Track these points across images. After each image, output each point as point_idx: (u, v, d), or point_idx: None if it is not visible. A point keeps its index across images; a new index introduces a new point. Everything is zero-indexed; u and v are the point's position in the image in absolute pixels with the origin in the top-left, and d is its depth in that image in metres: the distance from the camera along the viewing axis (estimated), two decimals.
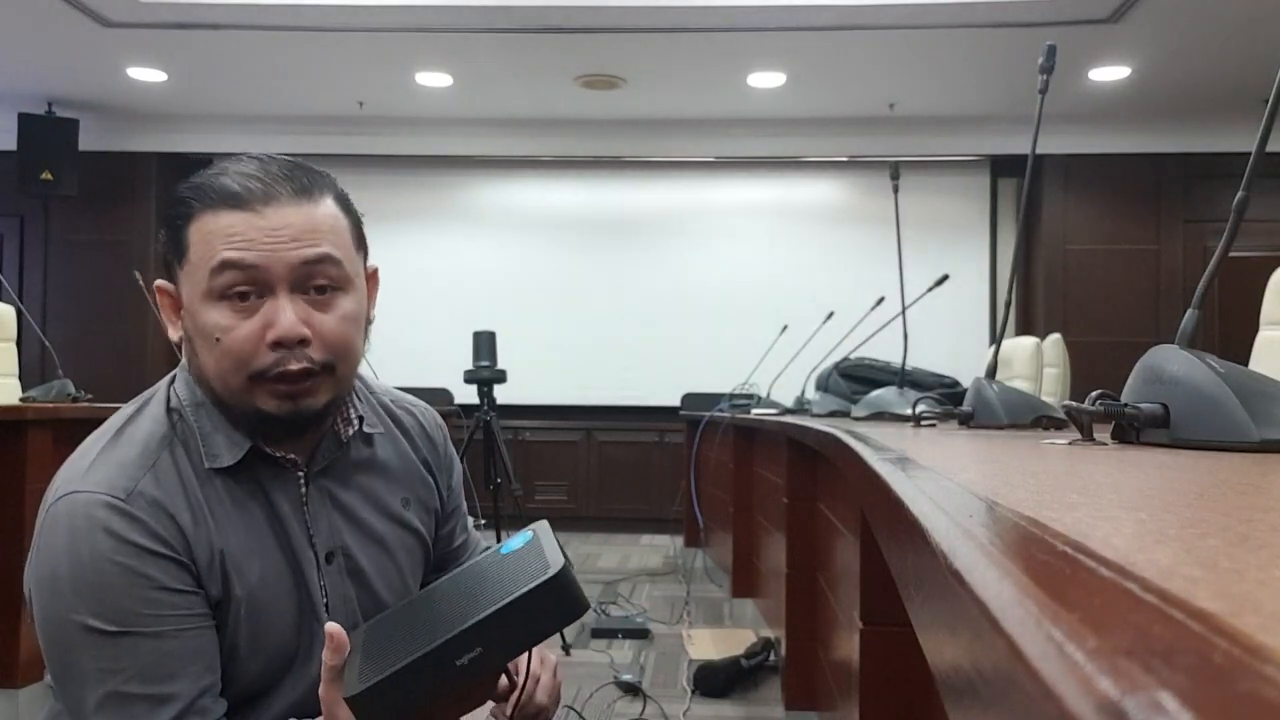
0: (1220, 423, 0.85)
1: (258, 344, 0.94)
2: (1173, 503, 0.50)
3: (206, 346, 0.96)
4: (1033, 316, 6.79)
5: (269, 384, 0.95)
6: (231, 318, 0.94)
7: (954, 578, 0.31)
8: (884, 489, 0.58)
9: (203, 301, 0.95)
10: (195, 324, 0.96)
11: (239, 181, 0.95)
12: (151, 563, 0.92)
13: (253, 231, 0.94)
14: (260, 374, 0.95)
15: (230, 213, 0.94)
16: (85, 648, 0.90)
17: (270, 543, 1.02)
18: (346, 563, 1.08)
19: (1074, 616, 0.23)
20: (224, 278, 0.93)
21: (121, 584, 0.90)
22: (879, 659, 1.37)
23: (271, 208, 0.95)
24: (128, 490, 0.93)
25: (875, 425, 2.11)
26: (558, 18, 5.11)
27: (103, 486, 0.93)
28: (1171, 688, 0.18)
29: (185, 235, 0.96)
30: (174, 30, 5.27)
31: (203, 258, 0.94)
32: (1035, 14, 4.93)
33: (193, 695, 0.93)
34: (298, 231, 0.95)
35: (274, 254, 0.94)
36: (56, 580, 0.91)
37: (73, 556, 0.91)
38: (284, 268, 0.94)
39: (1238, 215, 0.98)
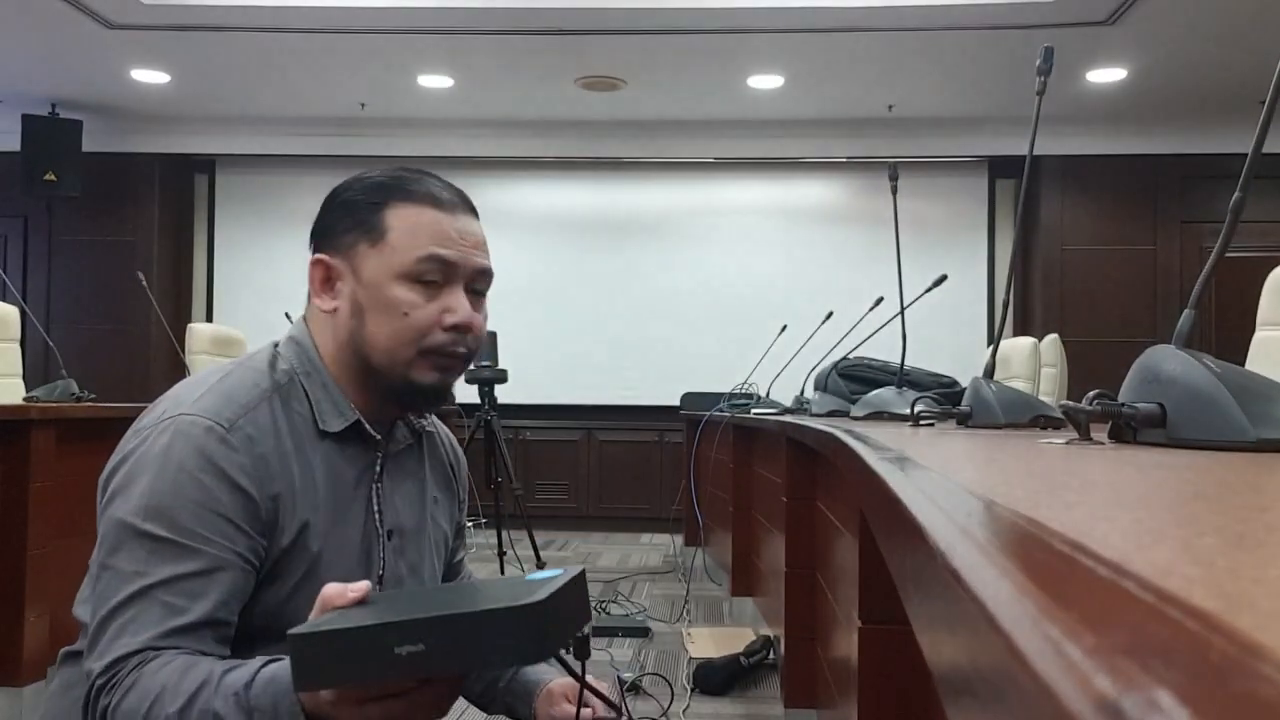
0: (1217, 422, 0.86)
1: (436, 322, 1.08)
2: (1169, 502, 0.50)
3: (389, 318, 1.08)
4: (1030, 316, 6.79)
5: (434, 358, 1.09)
6: (421, 298, 1.08)
7: (952, 576, 0.31)
8: (883, 488, 0.58)
9: (395, 279, 1.08)
10: (381, 296, 1.08)
11: (434, 186, 1.12)
12: (227, 491, 1.00)
13: (450, 231, 1.10)
14: (432, 349, 1.09)
15: (432, 210, 1.10)
16: (135, 550, 0.98)
17: (348, 510, 1.11)
18: (400, 543, 1.17)
19: (1071, 615, 0.23)
20: (427, 266, 1.08)
21: (192, 498, 0.98)
22: (878, 657, 1.38)
23: (460, 216, 1.12)
24: (231, 421, 1.03)
25: (874, 425, 2.11)
26: (558, 19, 5.11)
27: (209, 412, 1.03)
28: (1168, 686, 0.18)
29: (382, 217, 1.09)
30: (177, 32, 5.27)
31: (407, 244, 1.08)
32: (1032, 16, 4.93)
33: (203, 620, 0.98)
34: (477, 241, 1.13)
35: (466, 256, 1.10)
36: (134, 480, 1.00)
37: (160, 463, 1.00)
38: (469, 269, 1.11)
39: (1234, 216, 0.98)
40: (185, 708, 0.93)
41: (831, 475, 2.09)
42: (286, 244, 6.94)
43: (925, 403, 2.01)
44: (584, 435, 7.03)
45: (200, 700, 0.93)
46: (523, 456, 6.84)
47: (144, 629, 0.96)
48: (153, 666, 0.95)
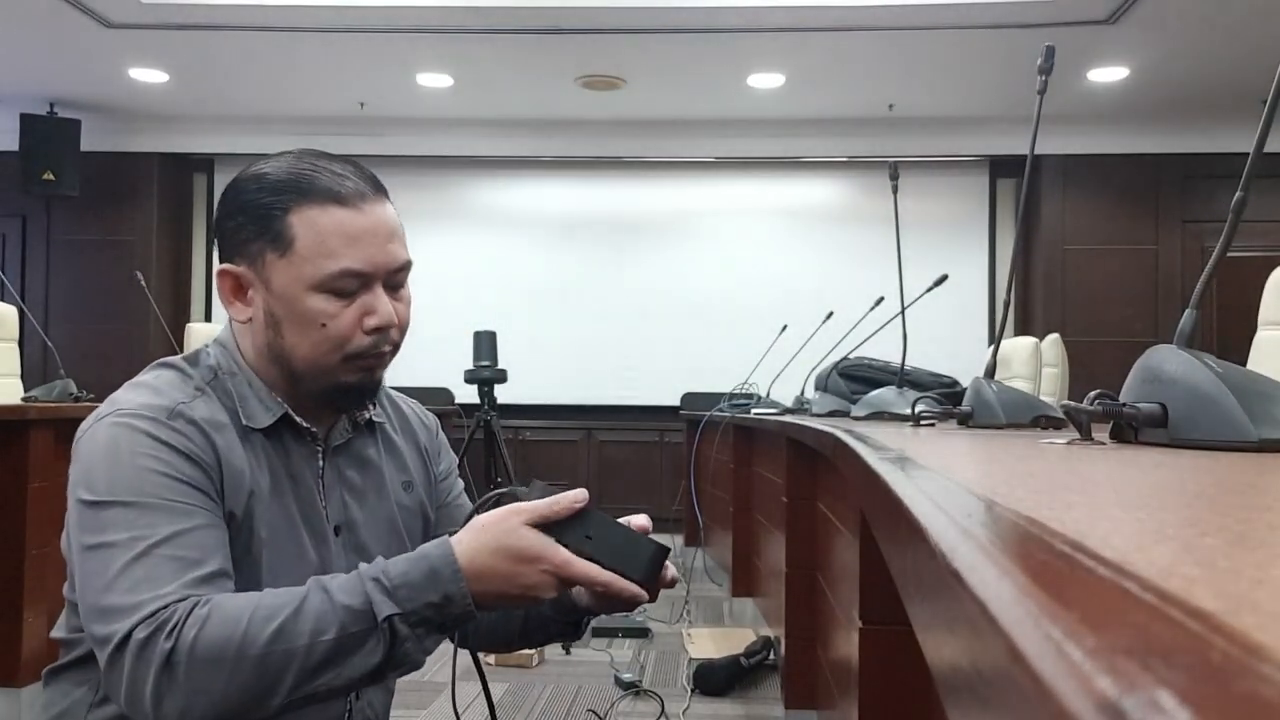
0: (1218, 422, 0.85)
1: (356, 328, 1.06)
2: (1171, 502, 0.50)
3: (306, 330, 1.05)
4: (1031, 316, 6.79)
5: (359, 361, 1.07)
6: (336, 306, 1.05)
7: (953, 577, 0.31)
8: (883, 488, 0.58)
9: (308, 290, 1.04)
10: (295, 309, 1.04)
11: (333, 178, 1.06)
12: (184, 463, 0.99)
13: (357, 230, 1.05)
14: (354, 355, 1.06)
15: (337, 210, 1.04)
16: (115, 520, 0.94)
17: (289, 502, 1.09)
18: (350, 538, 1.15)
19: (1072, 615, 0.23)
20: (342, 281, 1.04)
21: (154, 470, 0.97)
22: (878, 658, 1.38)
23: (367, 205, 1.07)
24: (169, 410, 1.02)
25: (875, 425, 2.11)
26: (558, 18, 5.11)
27: (145, 408, 1.01)
28: (1170, 686, 0.18)
29: (287, 225, 1.04)
30: (176, 31, 5.27)
31: (316, 253, 1.03)
32: (1034, 15, 4.93)
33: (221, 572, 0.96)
34: (388, 233, 1.08)
35: (378, 259, 1.06)
36: (91, 474, 0.98)
37: (113, 455, 0.98)
38: (385, 271, 1.07)
39: (1236, 215, 0.98)
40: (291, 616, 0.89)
41: (832, 475, 2.09)
42: None
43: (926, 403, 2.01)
44: (584, 435, 7.03)
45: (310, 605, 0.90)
46: (522, 457, 6.84)
47: (163, 582, 0.91)
48: (220, 599, 0.91)
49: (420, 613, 0.92)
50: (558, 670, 3.23)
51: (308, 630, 0.89)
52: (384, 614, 0.90)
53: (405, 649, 0.92)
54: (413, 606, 0.91)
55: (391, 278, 1.09)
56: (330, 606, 0.90)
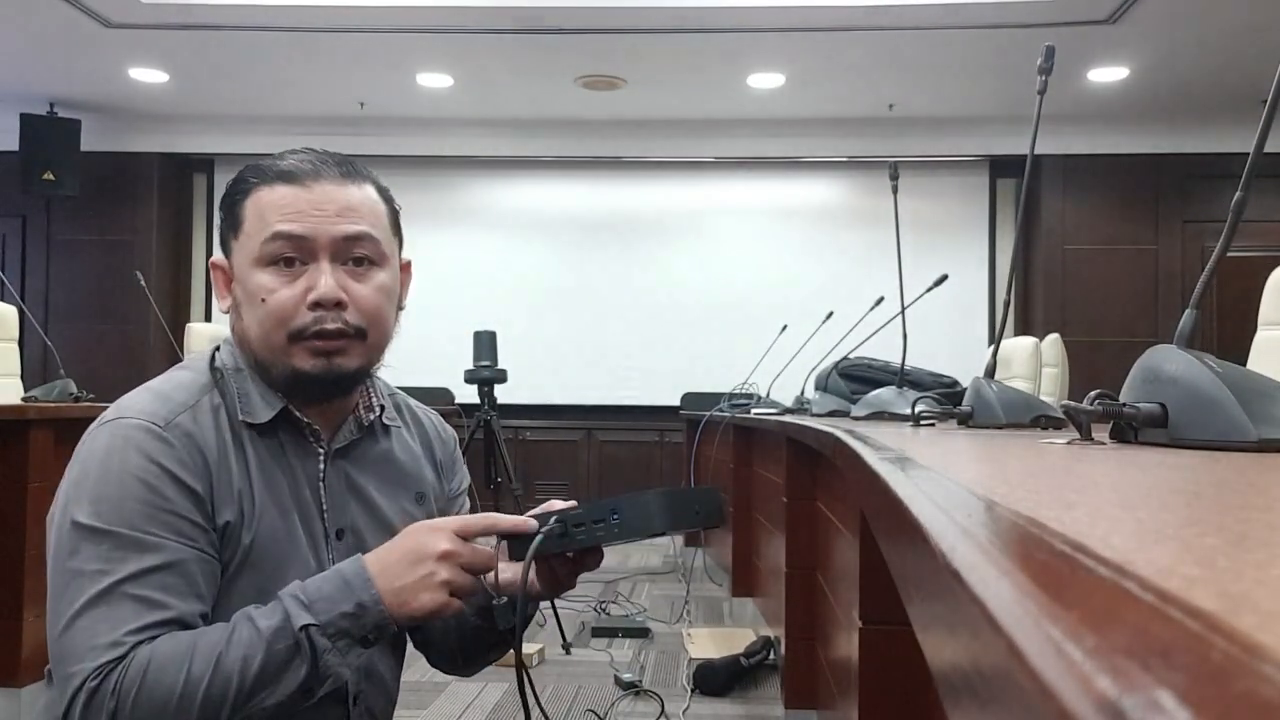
0: (1218, 422, 0.85)
1: (299, 304, 1.04)
2: (1171, 502, 0.50)
3: (252, 307, 1.05)
4: (1031, 316, 6.79)
5: (306, 342, 1.04)
6: (277, 281, 1.04)
7: (953, 577, 0.31)
8: (883, 488, 0.58)
9: (253, 267, 1.04)
10: (245, 288, 1.06)
11: (291, 163, 1.07)
12: (171, 486, 0.98)
13: (301, 204, 1.04)
14: (299, 332, 1.04)
15: (283, 187, 1.05)
16: (88, 549, 0.95)
17: (287, 505, 1.08)
18: (355, 542, 1.12)
19: (1072, 615, 0.23)
20: (274, 246, 1.03)
21: (139, 497, 0.97)
22: (878, 658, 1.38)
23: (319, 184, 1.06)
24: (166, 419, 1.01)
25: (875, 425, 2.11)
26: (558, 18, 5.11)
27: (144, 414, 1.01)
28: (1169, 686, 0.18)
29: (242, 209, 1.06)
30: (176, 31, 5.27)
31: (256, 228, 1.05)
32: (1034, 15, 4.93)
33: (184, 613, 0.96)
34: (341, 208, 1.06)
35: (319, 226, 1.04)
36: (80, 486, 0.98)
37: (103, 466, 0.98)
38: (327, 239, 1.04)
39: (1236, 215, 0.98)
40: (223, 653, 0.92)
41: (832, 475, 2.09)
42: None
43: (926, 403, 2.01)
44: (584, 435, 7.04)
45: (237, 636, 0.93)
46: (523, 456, 6.85)
47: (120, 624, 0.93)
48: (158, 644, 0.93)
49: (336, 623, 0.95)
50: (558, 670, 3.23)
51: (238, 659, 0.92)
52: (300, 623, 0.93)
53: (327, 661, 0.94)
54: (328, 618, 0.94)
55: (343, 251, 1.06)
56: (255, 632, 0.94)
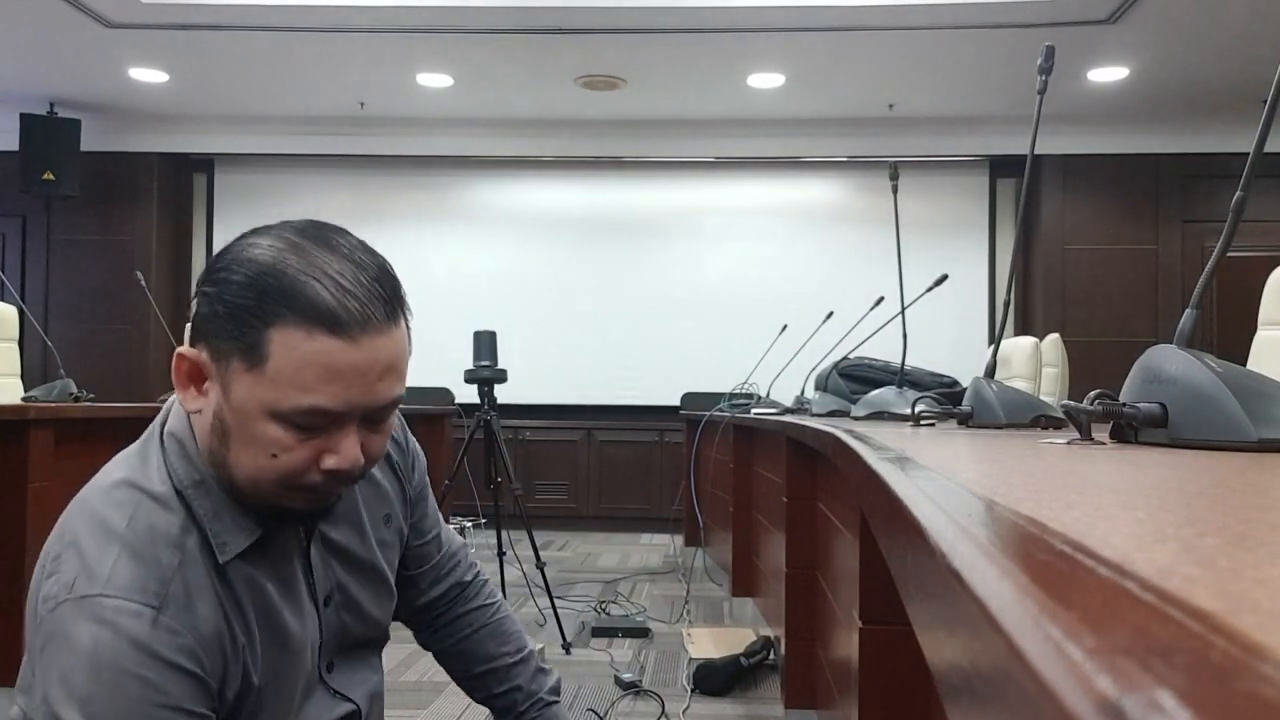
0: (1218, 422, 0.85)
1: (311, 466, 0.92)
2: (1171, 502, 0.50)
3: (254, 452, 0.91)
4: (1031, 316, 6.79)
5: (303, 492, 0.93)
6: (293, 440, 0.90)
7: (953, 577, 0.31)
8: (883, 488, 0.58)
9: (267, 415, 0.89)
10: (247, 429, 0.90)
11: (335, 295, 0.88)
12: (174, 679, 0.88)
13: (345, 367, 0.88)
14: (300, 488, 0.93)
15: (326, 337, 0.87)
16: None
17: (283, 616, 1.00)
18: (341, 599, 1.08)
19: (1072, 615, 0.23)
20: (305, 418, 0.89)
21: (136, 696, 0.85)
22: (878, 658, 1.38)
23: (366, 335, 0.89)
24: (160, 595, 0.89)
25: (874, 425, 2.11)
26: (558, 18, 5.11)
27: (132, 591, 0.88)
28: (1170, 686, 0.18)
29: (265, 340, 0.87)
30: (176, 31, 5.27)
31: (289, 379, 0.87)
32: (1034, 14, 4.93)
33: None
34: (384, 368, 0.91)
35: (360, 399, 0.90)
36: (67, 682, 0.85)
37: (91, 664, 0.85)
38: (363, 411, 0.92)
39: (1236, 215, 0.98)
40: None
41: (832, 475, 2.09)
42: None
43: (926, 403, 2.01)
44: (584, 435, 7.03)
45: None
46: (522, 457, 6.85)
47: None
48: None
49: None
50: (558, 670, 3.23)
51: None
52: None
53: None
54: None
55: (375, 415, 0.94)
56: None
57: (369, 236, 1.08)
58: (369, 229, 1.08)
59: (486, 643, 1.34)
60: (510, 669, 1.34)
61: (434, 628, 1.34)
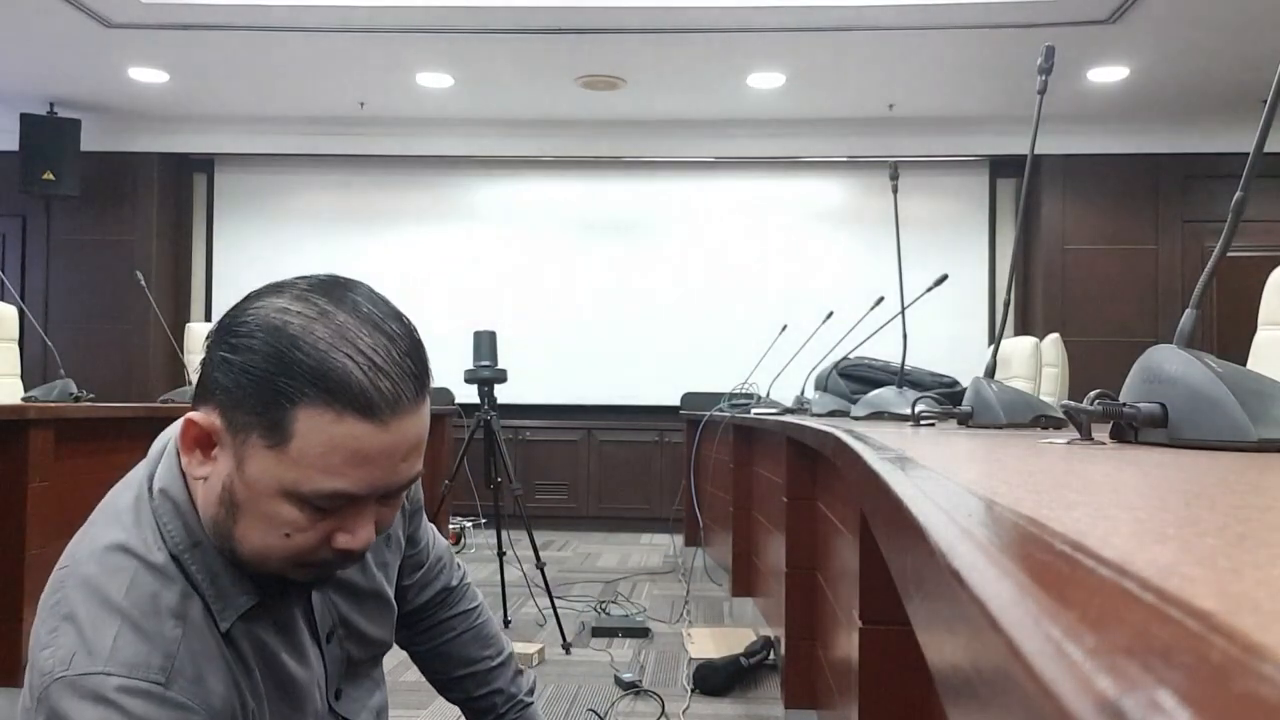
0: (1218, 422, 0.85)
1: (322, 545, 0.88)
2: (1171, 502, 0.50)
3: (265, 530, 0.87)
4: (1031, 316, 6.79)
5: (312, 568, 0.91)
6: (308, 521, 0.86)
7: (953, 577, 0.31)
8: (883, 488, 0.58)
9: (285, 496, 0.85)
10: (259, 506, 0.86)
11: (368, 375, 0.83)
12: None
13: (374, 450, 0.84)
14: (309, 564, 0.90)
15: (356, 421, 0.82)
16: None
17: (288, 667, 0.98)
18: (344, 631, 1.08)
19: (1072, 615, 0.23)
20: (325, 501, 0.85)
21: None
22: (878, 658, 1.38)
23: (396, 418, 0.84)
24: (166, 670, 0.85)
25: (874, 425, 2.11)
26: (558, 18, 5.11)
27: (137, 669, 0.84)
28: (1170, 686, 0.18)
29: (290, 419, 0.82)
30: (176, 31, 5.27)
31: (312, 463, 0.83)
32: (1034, 15, 4.93)
33: None
34: (409, 448, 0.87)
35: (383, 480, 0.86)
36: None
37: None
38: (384, 491, 0.88)
39: (1236, 215, 0.98)
40: None
41: (832, 475, 2.09)
42: (286, 243, 6.95)
43: (926, 403, 2.01)
44: (584, 435, 7.04)
45: None
46: (522, 457, 6.85)
47: None
48: None
49: None
50: (558, 670, 3.23)
51: None
52: None
53: None
54: None
55: (392, 493, 0.90)
56: None
57: (369, 237, 1.07)
58: (369, 229, 1.08)
59: (469, 646, 1.33)
60: (491, 672, 1.33)
61: (417, 630, 1.33)
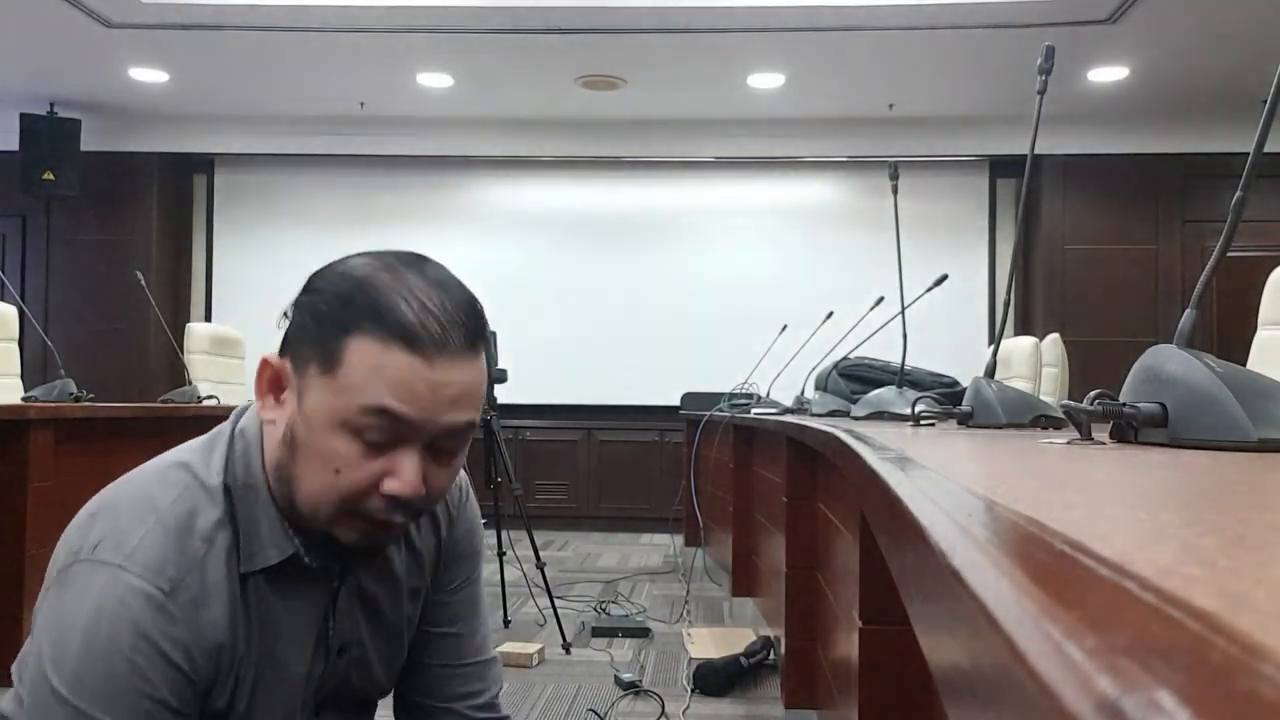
0: (1218, 422, 0.85)
1: (372, 487, 0.90)
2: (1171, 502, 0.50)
3: (317, 467, 0.90)
4: (1031, 316, 6.79)
5: (361, 521, 0.92)
6: (359, 455, 0.89)
7: (953, 577, 0.31)
8: (883, 488, 0.58)
9: (335, 426, 0.89)
10: (314, 440, 0.90)
11: (418, 314, 0.89)
12: (162, 671, 0.88)
13: (419, 384, 0.88)
14: (358, 512, 0.91)
15: (402, 353, 0.87)
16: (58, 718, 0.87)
17: (282, 647, 0.99)
18: (356, 653, 1.07)
19: (1072, 615, 0.23)
20: (372, 420, 0.88)
21: (123, 681, 0.87)
22: (878, 658, 1.38)
23: (443, 358, 0.89)
24: (174, 581, 0.90)
25: (874, 425, 2.11)
26: (558, 18, 5.11)
27: (150, 571, 0.89)
28: (1169, 686, 0.18)
29: (342, 347, 0.88)
30: (176, 31, 5.27)
31: (359, 387, 0.87)
32: (1034, 14, 4.93)
33: None
34: (460, 393, 0.90)
35: (431, 415, 0.89)
36: (61, 647, 0.88)
37: (88, 635, 0.87)
38: (432, 429, 0.90)
39: (1236, 215, 0.98)
40: None
41: (832, 475, 2.09)
42: (286, 243, 6.95)
43: (926, 403, 2.01)
44: (584, 435, 7.04)
45: None
46: (523, 456, 6.85)
47: None
48: None
49: None
50: (558, 670, 3.23)
51: None
52: None
53: None
54: None
55: (442, 442, 0.92)
56: None
57: (369, 237, 1.08)
58: (369, 229, 1.09)
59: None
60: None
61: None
